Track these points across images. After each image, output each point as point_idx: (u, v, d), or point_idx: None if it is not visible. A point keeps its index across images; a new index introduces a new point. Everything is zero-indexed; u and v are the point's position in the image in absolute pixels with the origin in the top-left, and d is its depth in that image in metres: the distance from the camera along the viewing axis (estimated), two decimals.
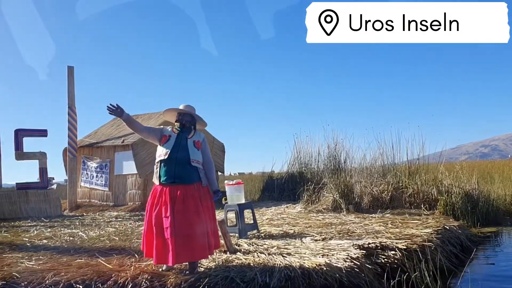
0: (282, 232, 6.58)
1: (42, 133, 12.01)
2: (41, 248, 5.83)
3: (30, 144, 12.74)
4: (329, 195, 9.67)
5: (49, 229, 7.96)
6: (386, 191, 9.51)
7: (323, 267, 4.14)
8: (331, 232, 6.25)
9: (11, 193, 11.20)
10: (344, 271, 4.14)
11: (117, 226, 8.06)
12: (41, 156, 11.90)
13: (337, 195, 9.35)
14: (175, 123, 4.51)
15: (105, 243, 6.07)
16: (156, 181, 4.30)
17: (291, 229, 6.79)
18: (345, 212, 8.86)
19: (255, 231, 6.57)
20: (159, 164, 4.29)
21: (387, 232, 6.09)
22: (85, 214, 11.74)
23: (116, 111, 4.21)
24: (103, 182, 12.88)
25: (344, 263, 4.32)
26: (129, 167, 12.29)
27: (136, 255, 5.02)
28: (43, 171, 11.85)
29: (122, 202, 12.40)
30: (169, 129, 4.48)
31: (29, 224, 9.30)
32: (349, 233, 6.15)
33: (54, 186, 13.69)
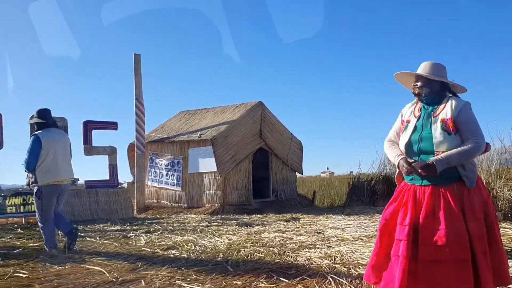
0: None
1: (112, 126, 10.80)
2: (178, 261, 4.45)
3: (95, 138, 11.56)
4: None
5: (144, 235, 6.64)
6: None
7: None
8: None
9: (81, 192, 10.02)
10: None
11: (231, 233, 6.63)
12: (111, 152, 10.70)
13: None
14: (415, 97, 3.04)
15: (251, 255, 4.65)
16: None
17: None
18: None
19: None
20: None
21: None
22: (158, 216, 10.46)
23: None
24: (175, 181, 11.60)
25: None
26: (206, 164, 10.97)
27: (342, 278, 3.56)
28: (113, 168, 10.64)
29: (197, 204, 11.08)
30: (410, 108, 3.02)
31: (111, 228, 8.04)
32: None
33: (125, 185, 12.51)
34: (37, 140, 5.29)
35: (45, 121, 5.43)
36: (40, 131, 5.34)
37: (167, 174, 11.85)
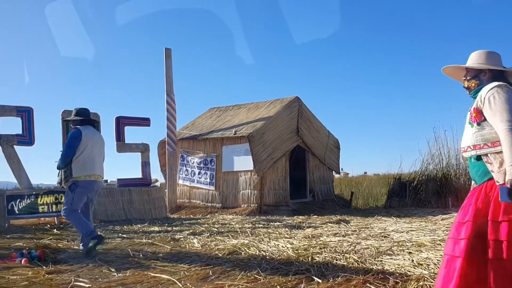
0: None
1: (145, 122, 10.37)
2: (250, 268, 3.92)
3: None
4: None
5: (194, 237, 6.15)
6: None
7: None
8: None
9: (113, 191, 9.60)
10: None
11: (287, 236, 6.08)
12: (144, 148, 10.27)
13: None
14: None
15: (329, 262, 4.11)
16: None
17: None
18: None
19: None
20: None
21: None
22: (193, 217, 9.99)
23: None
24: (208, 180, 11.12)
25: None
26: (241, 162, 10.47)
27: None
28: (145, 165, 10.21)
29: (232, 204, 10.58)
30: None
31: (151, 229, 7.58)
32: None
33: (158, 184, 12.08)
34: (77, 133, 5.09)
35: (85, 118, 5.25)
36: (79, 126, 5.15)
37: (199, 173, 11.38)
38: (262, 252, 4.78)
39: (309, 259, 4.31)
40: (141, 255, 4.71)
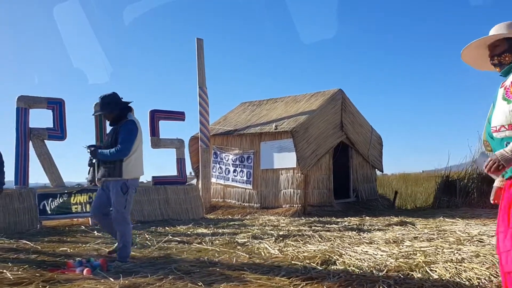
0: None
1: (180, 116, 9.68)
2: (367, 282, 3.21)
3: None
4: None
5: (260, 242, 5.44)
6: None
7: None
8: None
9: (149, 190, 8.93)
10: None
11: (366, 241, 5.36)
12: (179, 144, 9.59)
13: None
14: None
15: (456, 276, 3.39)
16: None
17: None
18: None
19: None
20: None
21: None
22: (231, 217, 9.29)
23: None
24: (244, 178, 10.42)
25: None
26: (282, 159, 9.77)
27: None
28: (181, 162, 9.53)
29: (272, 204, 9.88)
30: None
31: (199, 230, 6.88)
32: None
33: (194, 182, 11.39)
34: (135, 126, 4.39)
35: (129, 103, 4.52)
36: (131, 117, 4.43)
37: (234, 171, 10.68)
38: (358, 261, 4.06)
39: (425, 271, 3.58)
40: (219, 264, 4.01)
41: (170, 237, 6.04)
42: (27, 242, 5.74)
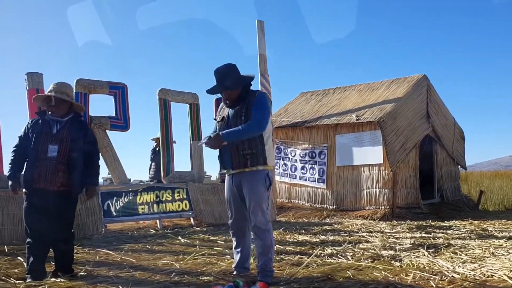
0: None
1: None
2: None
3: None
4: None
5: (404, 254, 4.27)
6: None
7: None
8: None
9: (217, 187, 7.83)
10: None
11: None
12: None
13: None
14: None
15: None
16: None
17: None
18: None
19: None
20: None
21: None
22: (306, 220, 8.13)
23: None
24: (316, 176, 9.25)
25: None
26: (364, 154, 8.58)
27: None
28: None
29: (352, 206, 8.70)
30: None
31: (296, 237, 5.73)
32: None
33: None
34: (268, 99, 3.37)
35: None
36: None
37: (303, 168, 9.52)
38: None
39: None
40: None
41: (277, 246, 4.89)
42: (109, 252, 4.65)
